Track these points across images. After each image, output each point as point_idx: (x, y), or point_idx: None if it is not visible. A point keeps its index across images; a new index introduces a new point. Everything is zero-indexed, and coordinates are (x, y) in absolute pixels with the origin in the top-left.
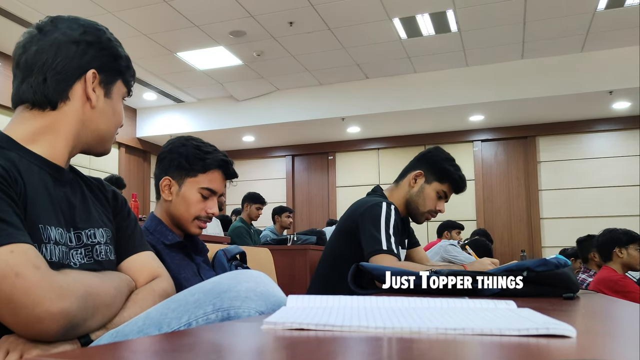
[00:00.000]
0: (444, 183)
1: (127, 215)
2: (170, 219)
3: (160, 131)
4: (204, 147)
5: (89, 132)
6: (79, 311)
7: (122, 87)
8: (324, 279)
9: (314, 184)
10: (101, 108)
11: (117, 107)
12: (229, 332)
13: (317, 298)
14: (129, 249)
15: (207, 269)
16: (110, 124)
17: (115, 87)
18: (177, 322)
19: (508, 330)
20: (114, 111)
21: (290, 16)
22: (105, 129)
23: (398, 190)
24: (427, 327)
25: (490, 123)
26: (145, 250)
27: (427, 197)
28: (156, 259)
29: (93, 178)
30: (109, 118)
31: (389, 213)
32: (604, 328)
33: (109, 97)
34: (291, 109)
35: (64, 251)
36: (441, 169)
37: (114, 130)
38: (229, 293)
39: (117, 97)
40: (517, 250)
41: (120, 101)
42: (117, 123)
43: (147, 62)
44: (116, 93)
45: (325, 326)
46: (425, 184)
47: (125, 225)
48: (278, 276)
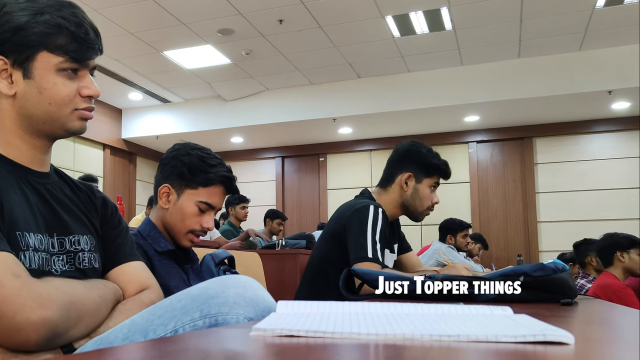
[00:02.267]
0: (433, 176)
1: (118, 223)
2: (164, 227)
3: (146, 132)
4: (208, 159)
5: (28, 119)
6: (61, 320)
7: (51, 57)
8: (312, 284)
9: (304, 186)
10: (23, 91)
11: (43, 83)
12: (216, 339)
13: (307, 304)
14: (118, 258)
15: (197, 280)
16: (41, 103)
17: (37, 63)
18: (163, 328)
19: (504, 336)
20: (40, 89)
21: (280, 14)
22: (38, 111)
23: (389, 194)
24: (420, 333)
25: (486, 124)
26: (136, 260)
27: (423, 196)
28: (146, 269)
29: (82, 183)
30: (35, 98)
31: (376, 217)
32: (602, 335)
33: (29, 77)
34: (281, 109)
35: (44, 258)
36: (426, 164)
37: (54, 109)
38: (217, 299)
39: (44, 72)
40: (513, 255)
41: (49, 76)
42: (50, 100)
43: (132, 61)
44: (40, 68)
45: (316, 333)
46: (417, 184)
47: (115, 233)
48: (267, 281)
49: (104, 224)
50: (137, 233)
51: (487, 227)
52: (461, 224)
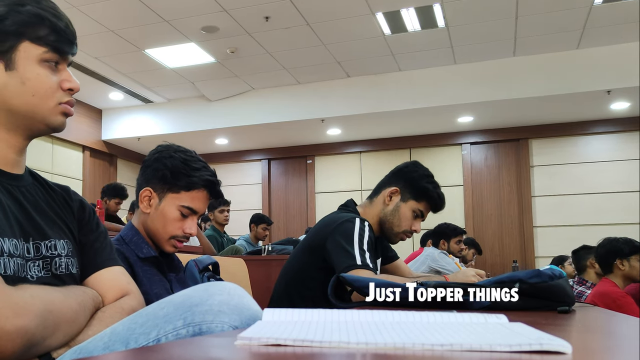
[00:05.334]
0: (421, 202)
1: (96, 226)
2: (146, 232)
3: (127, 133)
4: (192, 162)
5: (8, 113)
6: (38, 329)
7: (33, 48)
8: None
9: (291, 189)
10: (2, 85)
11: (27, 74)
12: (200, 348)
13: (294, 311)
14: (97, 263)
15: (180, 288)
16: (23, 95)
17: (19, 53)
18: (145, 337)
19: (499, 345)
20: (22, 80)
21: (266, 10)
22: (20, 103)
23: (372, 207)
24: (412, 342)
25: (480, 125)
26: (115, 265)
27: (402, 216)
28: (126, 275)
29: (58, 185)
30: (17, 90)
31: (362, 229)
32: (601, 344)
33: (11, 68)
34: (267, 110)
35: (19, 263)
36: (419, 186)
37: (37, 101)
38: (201, 307)
39: (27, 62)
40: (508, 261)
41: (32, 67)
42: (34, 92)
43: (113, 60)
44: (23, 59)
45: (303, 341)
46: (401, 202)
47: (93, 237)
48: (253, 288)
49: (82, 228)
50: (120, 238)
51: (481, 232)
52: (455, 230)
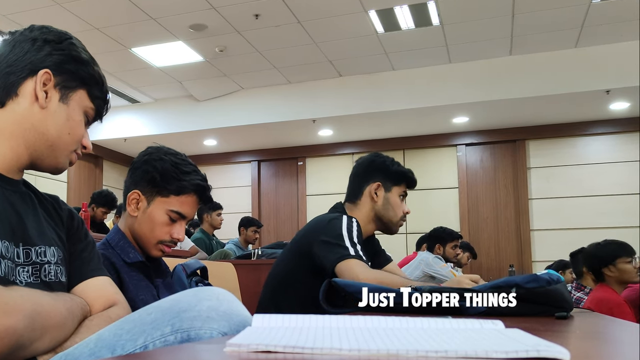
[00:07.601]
0: (401, 184)
1: (85, 236)
2: (133, 236)
3: (113, 134)
4: (182, 166)
5: (37, 135)
6: (26, 330)
7: (86, 100)
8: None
9: (282, 192)
10: (52, 110)
11: (73, 115)
12: (188, 355)
13: (285, 317)
14: (84, 273)
15: (167, 294)
16: (62, 129)
17: (75, 95)
18: (132, 344)
19: (495, 352)
20: (68, 117)
21: (255, 8)
22: (54, 133)
23: (360, 208)
24: (406, 349)
25: (476, 125)
26: (102, 275)
27: (394, 205)
28: (113, 285)
29: (48, 195)
30: (60, 122)
31: (350, 225)
32: (600, 351)
33: (65, 102)
34: (257, 110)
35: (9, 266)
36: (393, 172)
37: (68, 140)
38: (189, 312)
39: (76, 106)
40: (505, 265)
41: (79, 112)
42: (71, 131)
43: (98, 59)
44: (75, 101)
45: (294, 348)
46: (387, 194)
47: (81, 247)
48: (242, 293)
49: (70, 237)
50: (106, 242)
51: (476, 235)
52: (451, 234)
